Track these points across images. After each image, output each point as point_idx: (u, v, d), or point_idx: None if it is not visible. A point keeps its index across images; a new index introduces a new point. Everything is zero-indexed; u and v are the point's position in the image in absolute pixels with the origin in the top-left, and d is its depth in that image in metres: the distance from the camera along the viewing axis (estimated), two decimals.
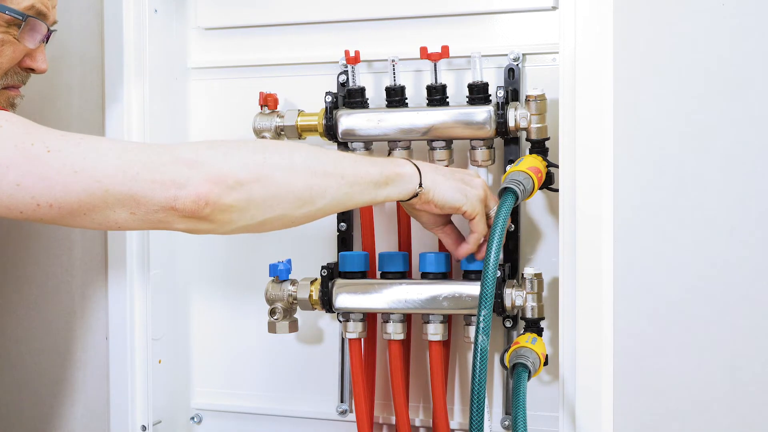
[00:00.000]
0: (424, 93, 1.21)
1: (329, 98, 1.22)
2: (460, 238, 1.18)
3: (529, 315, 1.15)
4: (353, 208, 1.16)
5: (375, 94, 1.26)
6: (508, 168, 1.14)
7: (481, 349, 0.97)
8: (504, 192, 1.06)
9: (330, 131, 1.22)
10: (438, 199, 1.10)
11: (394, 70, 1.20)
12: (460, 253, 1.15)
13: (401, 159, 1.12)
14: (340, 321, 1.26)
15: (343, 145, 1.25)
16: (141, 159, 0.94)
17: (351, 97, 1.22)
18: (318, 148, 1.07)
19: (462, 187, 1.11)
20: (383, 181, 1.06)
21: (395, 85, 1.21)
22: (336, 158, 1.05)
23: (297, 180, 1.00)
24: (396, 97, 1.21)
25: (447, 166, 1.20)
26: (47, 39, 1.12)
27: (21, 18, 1.06)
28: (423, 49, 1.19)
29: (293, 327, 1.25)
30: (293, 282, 1.25)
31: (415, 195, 1.09)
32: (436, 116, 1.18)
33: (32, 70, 1.12)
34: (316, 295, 1.23)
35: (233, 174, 0.96)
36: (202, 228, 0.97)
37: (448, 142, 1.20)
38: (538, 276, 1.15)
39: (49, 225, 1.00)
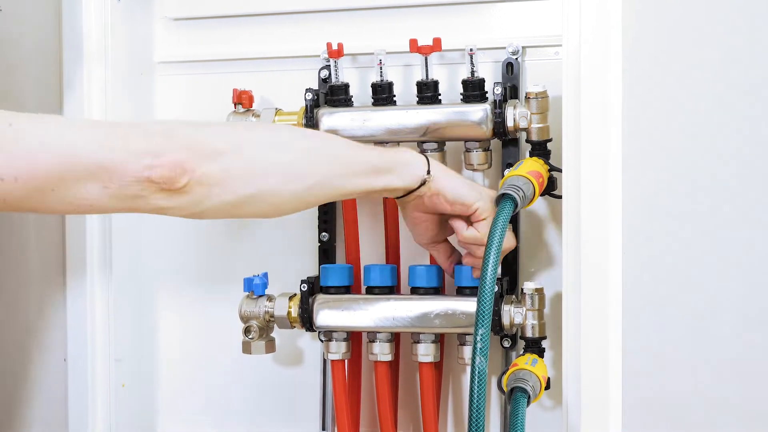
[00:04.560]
0: (414, 90, 1.19)
1: (309, 95, 1.19)
2: (454, 254, 1.16)
3: (529, 334, 1.13)
4: (349, 196, 1.12)
5: (360, 91, 1.24)
6: (506, 172, 1.12)
7: (479, 372, 0.95)
8: (502, 199, 1.04)
9: None
10: (449, 191, 1.07)
11: (380, 64, 1.18)
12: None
13: (403, 148, 1.10)
14: (321, 340, 1.23)
15: None
16: (114, 131, 0.95)
17: (333, 95, 1.20)
18: (309, 129, 1.08)
19: (473, 185, 1.10)
20: (384, 167, 1.05)
21: (382, 81, 1.19)
22: (327, 137, 1.06)
23: (282, 154, 1.01)
24: (383, 95, 1.19)
25: None
26: None
27: None
28: (413, 42, 1.17)
29: (270, 347, 1.23)
30: (270, 298, 1.22)
31: (423, 183, 1.06)
32: (427, 115, 1.16)
33: None
34: (295, 312, 1.20)
35: (211, 142, 0.96)
36: (177, 204, 0.96)
37: (441, 144, 1.18)
38: (540, 291, 1.13)
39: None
